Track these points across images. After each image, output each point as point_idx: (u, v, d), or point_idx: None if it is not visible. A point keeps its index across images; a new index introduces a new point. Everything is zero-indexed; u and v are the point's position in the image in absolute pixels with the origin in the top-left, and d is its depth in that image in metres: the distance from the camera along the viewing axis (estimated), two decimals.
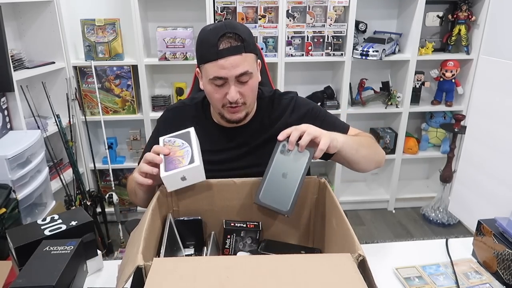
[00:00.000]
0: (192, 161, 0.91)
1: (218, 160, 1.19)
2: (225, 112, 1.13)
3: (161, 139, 1.02)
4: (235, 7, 2.40)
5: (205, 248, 0.98)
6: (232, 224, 1.00)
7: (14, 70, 2.01)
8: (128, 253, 0.82)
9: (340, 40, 2.54)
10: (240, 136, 1.22)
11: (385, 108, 2.71)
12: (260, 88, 1.26)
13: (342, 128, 1.21)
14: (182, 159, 0.93)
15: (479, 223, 1.06)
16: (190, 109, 1.26)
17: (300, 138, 0.94)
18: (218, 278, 0.69)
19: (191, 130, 1.02)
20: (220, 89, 1.08)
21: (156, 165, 0.95)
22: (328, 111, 1.27)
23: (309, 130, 0.94)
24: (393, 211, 2.96)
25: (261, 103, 1.24)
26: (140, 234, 0.78)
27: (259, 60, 1.18)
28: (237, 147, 1.21)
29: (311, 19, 2.49)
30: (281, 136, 0.95)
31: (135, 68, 2.47)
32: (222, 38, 1.03)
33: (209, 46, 1.04)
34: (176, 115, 1.27)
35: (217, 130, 1.22)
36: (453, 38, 2.64)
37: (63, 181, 2.29)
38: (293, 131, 0.94)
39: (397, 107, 2.71)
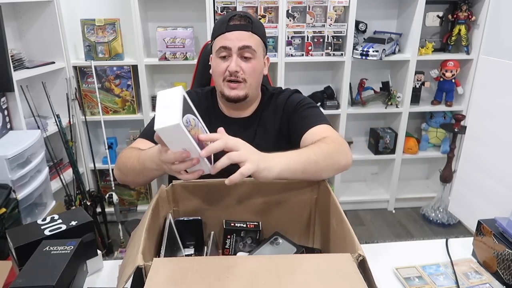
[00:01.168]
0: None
1: None
2: (225, 88, 1.17)
3: (178, 123, 0.74)
4: (235, 7, 2.40)
5: (205, 247, 0.99)
6: (232, 224, 1.00)
7: (14, 70, 2.01)
8: (128, 254, 0.82)
9: (340, 40, 2.54)
10: (242, 128, 1.24)
11: (385, 108, 2.71)
12: (265, 85, 1.30)
13: (308, 124, 1.16)
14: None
15: (479, 223, 1.06)
16: (202, 97, 1.28)
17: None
18: (218, 278, 0.69)
19: (181, 90, 0.81)
20: (223, 62, 1.15)
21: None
22: (314, 106, 1.23)
23: (232, 155, 0.82)
24: (393, 211, 2.96)
25: (264, 98, 1.27)
26: (140, 234, 0.78)
27: (268, 56, 1.25)
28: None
29: (311, 19, 2.49)
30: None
31: (135, 68, 2.47)
32: (234, 17, 1.15)
33: (221, 24, 1.16)
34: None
35: (224, 120, 1.24)
36: (453, 38, 2.64)
37: (63, 181, 2.29)
38: (226, 157, 0.82)
39: (397, 107, 2.71)
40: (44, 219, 1.01)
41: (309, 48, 2.54)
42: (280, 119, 1.24)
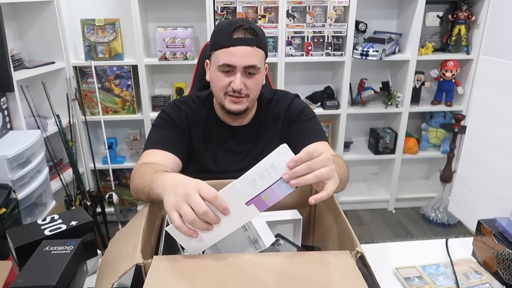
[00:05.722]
0: None
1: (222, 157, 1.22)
2: (226, 102, 1.14)
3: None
4: (235, 7, 2.40)
5: None
6: None
7: (14, 70, 2.01)
8: (118, 250, 0.81)
9: (340, 40, 2.54)
10: (243, 135, 1.24)
11: (385, 108, 2.71)
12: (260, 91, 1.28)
13: (308, 138, 1.16)
14: None
15: (479, 223, 1.06)
16: (200, 105, 1.24)
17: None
18: (218, 276, 0.69)
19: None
20: (226, 77, 1.11)
21: None
22: (314, 117, 1.24)
23: (321, 174, 0.71)
24: (393, 211, 2.96)
25: (261, 104, 1.26)
26: (138, 232, 0.77)
27: (267, 64, 1.21)
28: (238, 146, 1.24)
29: (311, 19, 2.48)
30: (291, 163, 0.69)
31: (135, 68, 2.47)
32: (238, 29, 1.08)
33: (223, 34, 1.09)
34: (188, 109, 1.22)
35: (225, 128, 1.24)
36: (453, 38, 2.64)
37: (63, 181, 2.29)
38: (303, 165, 0.69)
39: (397, 107, 2.71)
40: (44, 219, 1.01)
41: (309, 48, 2.54)
42: (281, 125, 1.24)
